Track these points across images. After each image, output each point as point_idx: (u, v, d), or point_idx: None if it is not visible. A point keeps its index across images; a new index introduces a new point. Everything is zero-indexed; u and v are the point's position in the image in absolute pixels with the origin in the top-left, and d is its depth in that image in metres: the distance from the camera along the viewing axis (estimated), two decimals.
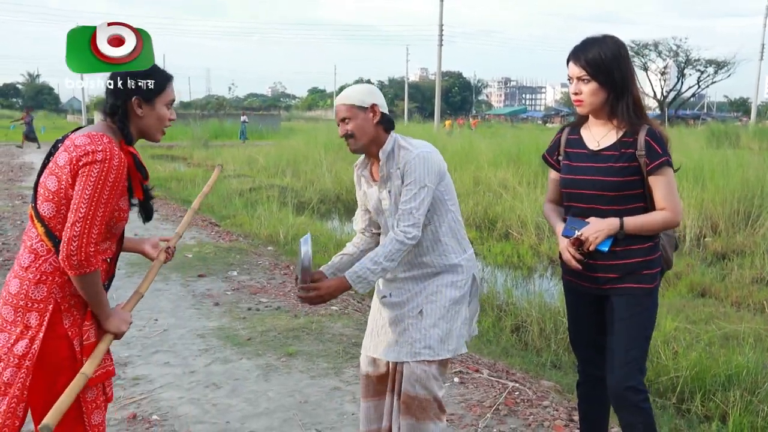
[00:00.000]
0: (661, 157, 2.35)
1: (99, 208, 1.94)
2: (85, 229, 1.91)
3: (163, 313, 5.20)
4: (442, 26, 41.23)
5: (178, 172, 16.94)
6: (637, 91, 2.44)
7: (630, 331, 2.45)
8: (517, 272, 7.93)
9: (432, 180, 2.42)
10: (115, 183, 1.97)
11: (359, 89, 2.51)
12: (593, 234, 2.39)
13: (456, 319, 2.50)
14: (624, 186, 2.40)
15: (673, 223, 2.43)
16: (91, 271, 1.94)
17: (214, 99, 76.85)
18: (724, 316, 5.79)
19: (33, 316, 1.98)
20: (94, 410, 2.08)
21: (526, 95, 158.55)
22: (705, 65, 56.43)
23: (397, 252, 2.38)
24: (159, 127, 2.19)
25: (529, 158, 14.80)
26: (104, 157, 1.94)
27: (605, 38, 2.40)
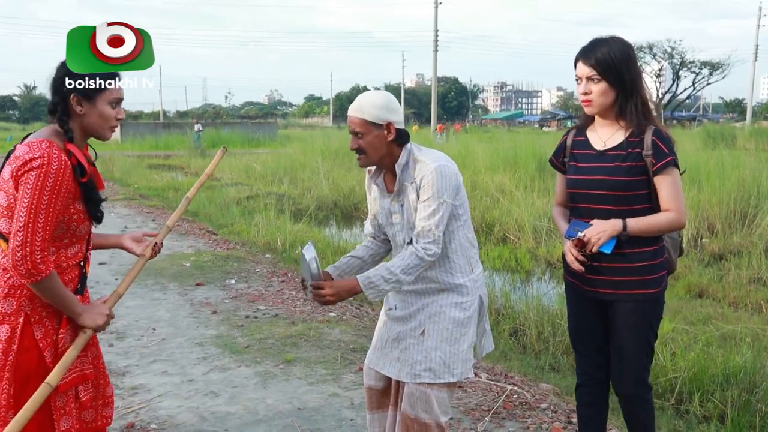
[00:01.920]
0: (667, 156, 2.35)
1: (40, 214, 1.91)
2: (28, 237, 1.89)
3: (161, 322, 5.20)
4: (438, 32, 41.39)
5: (176, 182, 16.95)
6: (645, 92, 2.45)
7: (637, 338, 2.46)
8: (515, 276, 7.94)
9: (450, 195, 2.32)
10: (55, 187, 1.94)
11: (376, 102, 2.33)
12: (596, 235, 2.38)
13: (461, 342, 2.40)
14: (631, 186, 2.39)
15: (677, 225, 2.41)
16: (43, 277, 1.92)
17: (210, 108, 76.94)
18: (721, 317, 5.80)
19: (3, 329, 1.99)
20: (63, 417, 2.08)
21: (522, 99, 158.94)
22: (700, 67, 56.57)
23: (415, 267, 2.30)
24: (104, 126, 2.12)
25: (526, 162, 14.84)
26: (41, 163, 1.92)
27: (613, 39, 2.41)
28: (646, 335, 2.49)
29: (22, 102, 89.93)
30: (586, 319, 2.62)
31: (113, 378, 3.86)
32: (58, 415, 2.07)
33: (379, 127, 2.32)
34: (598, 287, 2.49)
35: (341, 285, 2.34)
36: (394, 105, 2.37)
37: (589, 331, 2.62)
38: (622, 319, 2.47)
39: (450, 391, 2.44)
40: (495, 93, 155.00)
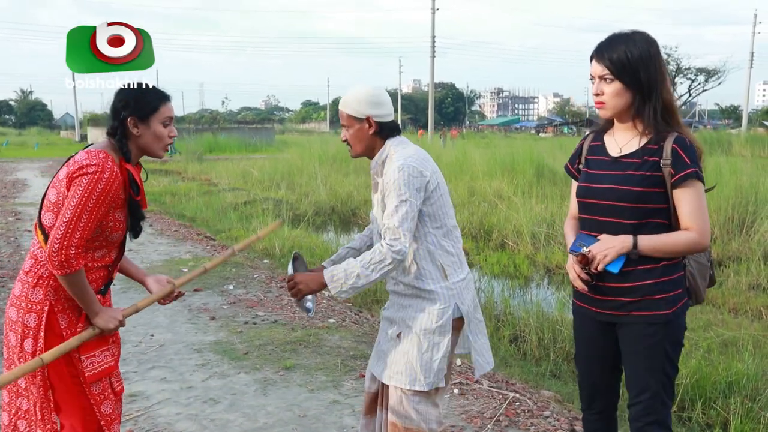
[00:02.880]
0: (688, 167, 2.09)
1: (83, 215, 2.07)
2: (68, 232, 2.05)
3: (159, 328, 5.16)
4: (435, 38, 41.45)
5: (173, 187, 16.90)
6: (669, 95, 2.19)
7: (647, 363, 2.20)
8: (514, 282, 7.92)
9: (412, 194, 2.26)
10: (103, 194, 2.09)
11: (358, 96, 2.37)
12: (602, 252, 2.15)
13: (432, 351, 2.33)
14: (644, 198, 2.15)
15: (698, 247, 2.13)
16: (73, 271, 2.07)
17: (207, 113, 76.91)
18: (722, 323, 5.79)
19: (31, 317, 2.16)
20: (103, 401, 2.26)
21: (519, 105, 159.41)
22: (696, 73, 56.83)
23: (378, 263, 2.24)
24: (159, 145, 2.28)
25: (524, 168, 14.84)
26: (95, 170, 2.09)
27: (634, 34, 2.19)
28: (661, 365, 2.19)
29: (19, 107, 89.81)
30: (594, 346, 2.37)
31: None
32: (98, 400, 2.24)
33: (360, 120, 2.37)
34: (603, 308, 2.26)
35: (310, 276, 2.38)
36: (377, 99, 2.38)
37: (595, 360, 2.38)
38: (630, 345, 2.23)
39: (427, 399, 2.36)
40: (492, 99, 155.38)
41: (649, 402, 2.21)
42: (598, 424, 2.47)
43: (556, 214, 10.12)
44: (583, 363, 2.46)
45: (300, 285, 2.38)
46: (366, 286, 2.29)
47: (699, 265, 2.29)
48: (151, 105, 2.23)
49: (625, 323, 2.23)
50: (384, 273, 2.25)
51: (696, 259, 2.28)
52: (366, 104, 2.37)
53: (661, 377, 2.20)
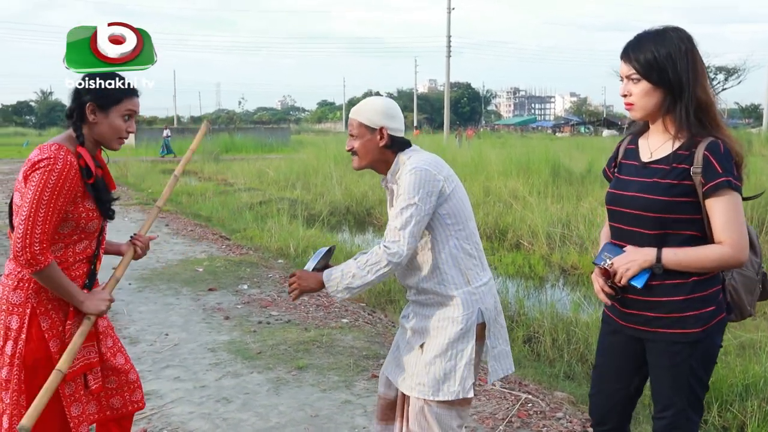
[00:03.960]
0: (719, 177, 1.95)
1: (40, 209, 2.05)
2: (28, 229, 2.03)
3: (174, 328, 5.20)
4: (450, 38, 41.38)
5: (189, 187, 17.02)
6: (705, 94, 2.04)
7: (672, 381, 2.10)
8: (529, 282, 7.88)
9: (422, 198, 2.20)
10: (57, 185, 2.07)
11: (373, 106, 2.35)
12: (624, 265, 2.05)
13: (458, 358, 2.27)
14: (671, 208, 2.02)
15: (731, 262, 1.99)
16: (42, 267, 2.06)
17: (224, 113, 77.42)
18: (740, 325, 5.69)
19: (14, 320, 2.15)
20: (73, 403, 2.23)
21: (536, 105, 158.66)
22: (715, 72, 56.15)
23: (375, 265, 2.19)
24: (113, 137, 2.24)
25: (539, 168, 14.77)
26: (47, 163, 2.07)
27: (665, 31, 2.06)
28: (687, 383, 2.07)
29: (39, 107, 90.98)
30: (615, 358, 2.27)
31: None
32: (68, 402, 2.21)
33: (372, 130, 2.33)
34: (630, 322, 2.15)
35: (310, 275, 2.34)
36: (392, 112, 2.35)
37: (616, 371, 2.27)
38: (655, 359, 2.13)
39: (451, 409, 2.30)
40: (508, 98, 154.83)
41: (673, 419, 2.12)
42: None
43: (571, 214, 10.06)
44: (600, 375, 2.35)
45: (299, 281, 2.33)
46: (362, 288, 2.24)
47: (744, 278, 2.15)
48: (114, 96, 2.20)
49: (650, 340, 2.12)
50: (379, 276, 2.21)
51: (741, 272, 2.14)
52: (381, 115, 2.33)
53: (687, 395, 2.10)
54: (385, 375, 2.55)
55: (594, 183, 13.41)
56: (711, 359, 2.12)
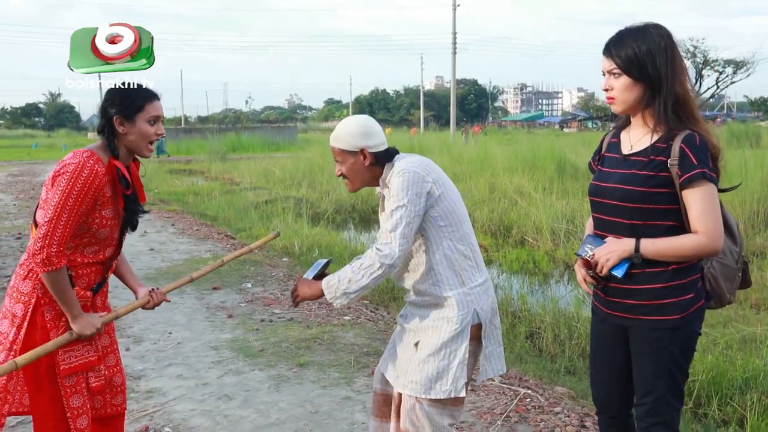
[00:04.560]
0: (695, 168, 2.01)
1: (63, 213, 2.14)
2: (49, 231, 2.13)
3: (178, 326, 5.25)
4: (456, 34, 41.31)
5: (196, 186, 17.11)
6: (683, 89, 2.09)
7: (652, 367, 2.16)
8: (533, 278, 7.90)
9: (411, 200, 2.22)
10: (82, 192, 2.17)
11: (348, 130, 2.36)
12: (605, 256, 2.13)
13: (451, 358, 2.29)
14: (649, 198, 2.09)
15: (707, 251, 2.06)
16: (54, 269, 2.14)
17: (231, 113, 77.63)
18: (742, 319, 5.71)
19: (19, 307, 2.26)
20: (73, 395, 2.31)
21: (543, 101, 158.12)
22: (723, 65, 55.81)
23: (368, 268, 2.22)
24: (143, 143, 2.35)
25: (545, 164, 14.75)
26: (75, 169, 2.17)
27: (645, 28, 2.12)
28: (668, 369, 2.14)
29: (48, 109, 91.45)
30: (604, 347, 2.34)
31: (129, 382, 3.90)
32: (68, 393, 2.29)
33: (354, 154, 2.35)
34: (614, 310, 2.23)
35: (310, 284, 2.37)
36: (368, 130, 2.36)
37: (608, 360, 2.34)
38: (637, 347, 2.19)
39: (443, 408, 2.32)
40: (515, 95, 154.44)
41: (654, 404, 2.18)
42: (612, 429, 2.42)
43: (576, 210, 10.04)
44: (595, 365, 2.42)
45: (300, 292, 2.38)
46: (359, 293, 2.26)
47: (723, 267, 2.21)
48: (136, 104, 2.29)
49: (632, 327, 2.19)
50: (374, 278, 2.23)
51: (720, 261, 2.20)
52: (358, 136, 2.34)
53: (668, 381, 2.16)
54: (380, 372, 2.57)
55: None
56: (690, 346, 2.18)
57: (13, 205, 13.57)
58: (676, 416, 2.21)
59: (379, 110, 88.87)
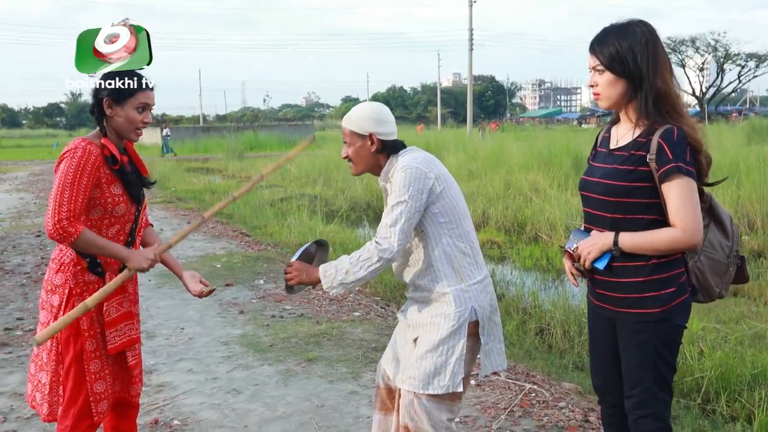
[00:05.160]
0: (670, 162, 2.04)
1: (65, 189, 2.26)
2: (56, 208, 2.24)
3: (190, 322, 5.32)
4: (472, 30, 41.14)
5: (213, 184, 17.25)
6: (666, 84, 2.12)
7: (638, 359, 2.20)
8: (546, 275, 7.87)
9: (412, 195, 2.25)
10: (79, 168, 2.28)
11: (362, 113, 2.39)
12: (586, 249, 2.19)
13: (449, 354, 2.30)
14: (630, 193, 2.13)
15: (683, 244, 2.08)
16: (75, 238, 2.25)
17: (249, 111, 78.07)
18: (755, 315, 5.66)
19: (55, 298, 2.40)
20: (97, 380, 2.44)
21: (561, 96, 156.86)
22: (746, 59, 55.05)
23: (366, 261, 2.25)
24: (130, 128, 2.43)
25: (561, 160, 14.67)
26: (69, 151, 2.31)
27: (628, 24, 2.16)
28: (652, 362, 2.18)
29: (69, 109, 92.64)
30: (599, 338, 2.39)
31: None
32: (93, 378, 2.42)
33: (362, 137, 2.38)
34: (604, 303, 2.27)
35: (307, 268, 2.39)
36: (381, 117, 2.39)
37: (603, 350, 2.37)
38: (623, 340, 2.24)
39: (441, 403, 2.34)
40: (533, 91, 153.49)
41: (642, 396, 2.21)
42: (614, 418, 2.44)
43: None
44: (592, 355, 2.47)
45: (296, 272, 2.38)
46: (355, 284, 2.29)
47: (711, 261, 2.22)
48: (127, 90, 2.37)
49: (619, 319, 2.23)
50: (371, 271, 2.25)
51: (708, 255, 2.21)
52: (369, 121, 2.37)
53: (653, 373, 2.18)
54: (383, 367, 2.60)
55: None
56: (674, 339, 2.20)
57: (34, 203, 13.79)
58: (665, 408, 2.23)
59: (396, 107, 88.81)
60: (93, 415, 2.44)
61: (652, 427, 2.21)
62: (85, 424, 2.43)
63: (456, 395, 2.36)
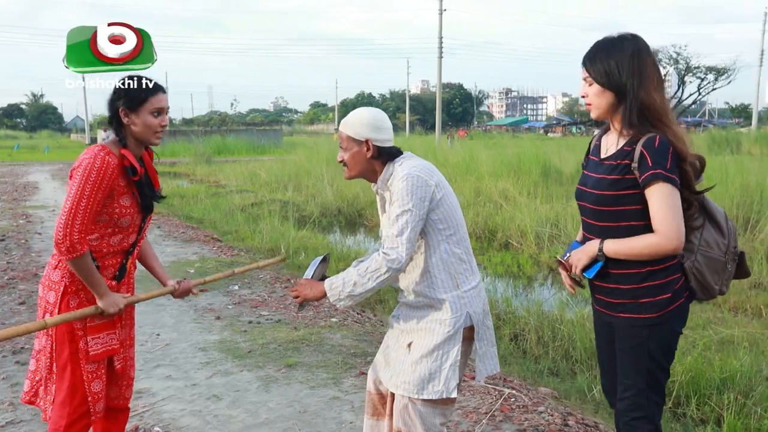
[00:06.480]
0: (649, 170, 2.11)
1: (81, 201, 2.29)
2: (69, 219, 2.27)
3: (165, 328, 5.28)
4: (442, 38, 41.49)
5: (181, 189, 17.07)
6: (649, 96, 2.18)
7: (632, 362, 2.27)
8: (517, 281, 7.99)
9: (416, 204, 2.27)
10: (97, 180, 2.31)
11: (360, 118, 2.41)
12: (575, 258, 2.30)
13: (443, 359, 2.33)
14: (619, 201, 2.20)
15: (663, 249, 2.13)
16: (79, 255, 2.29)
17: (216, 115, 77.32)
18: (721, 321, 5.84)
19: (51, 295, 2.44)
20: (94, 380, 2.48)
21: (528, 105, 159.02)
22: (705, 72, 56.63)
23: (375, 272, 2.25)
24: (149, 133, 2.46)
25: (530, 168, 14.89)
26: (88, 162, 2.32)
27: (619, 38, 2.25)
28: (646, 365, 2.24)
29: (30, 110, 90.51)
30: (603, 341, 2.46)
31: None
32: (90, 378, 2.46)
33: (359, 143, 2.40)
34: (603, 308, 2.36)
35: (313, 284, 2.40)
36: (378, 123, 2.41)
37: (607, 353, 2.45)
38: (619, 342, 2.31)
39: (434, 408, 2.36)
40: (500, 99, 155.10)
41: (635, 399, 2.27)
42: None
43: (560, 214, 10.18)
44: (599, 357, 2.55)
45: (302, 291, 2.40)
46: (363, 296, 2.30)
47: (708, 260, 2.28)
48: (140, 97, 2.41)
49: (616, 323, 2.31)
50: (380, 282, 2.26)
51: (705, 254, 2.28)
52: (367, 127, 2.39)
53: (646, 376, 2.25)
54: (374, 373, 2.61)
55: None
56: (669, 344, 2.28)
57: None
58: (657, 412, 2.30)
59: None
60: (90, 414, 2.47)
61: (643, 430, 2.27)
62: (82, 423, 2.46)
63: (449, 400, 2.39)
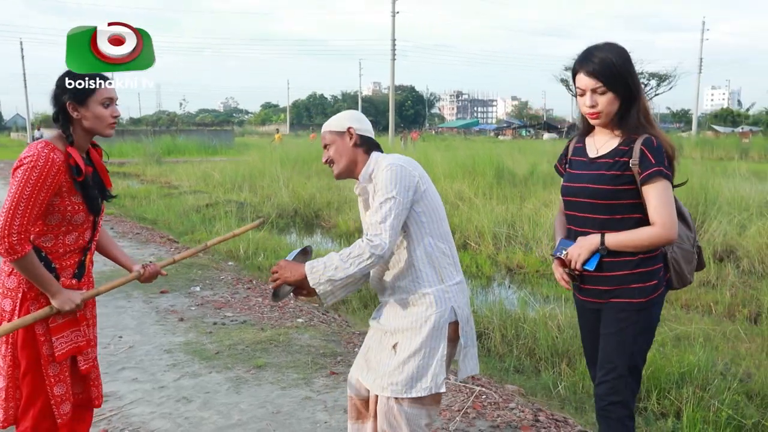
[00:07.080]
0: (652, 167, 2.27)
1: (21, 202, 2.19)
2: (8, 221, 2.18)
3: (128, 330, 5.17)
4: (395, 41, 41.70)
5: (132, 189, 16.68)
6: (644, 99, 2.38)
7: (616, 345, 2.37)
8: (477, 281, 8.10)
9: (400, 192, 2.27)
10: (39, 180, 2.21)
11: (339, 115, 2.51)
12: (576, 253, 2.39)
13: (430, 356, 2.32)
14: (616, 195, 2.34)
15: (663, 239, 2.30)
16: (20, 256, 2.20)
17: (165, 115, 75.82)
18: (675, 319, 6.06)
19: (7, 302, 2.34)
20: (57, 383, 2.41)
21: (478, 108, 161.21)
22: (648, 78, 58.33)
23: (357, 257, 2.22)
24: (101, 126, 2.38)
25: (484, 170, 15.10)
26: (30, 160, 2.21)
27: (610, 45, 2.35)
28: (629, 349, 2.37)
29: None
30: (588, 332, 2.57)
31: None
32: (52, 382, 2.39)
33: (341, 134, 2.46)
34: (589, 296, 2.47)
35: (291, 265, 2.36)
36: (358, 116, 2.53)
37: (592, 341, 2.55)
38: (605, 326, 2.42)
39: (421, 408, 2.36)
40: (451, 102, 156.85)
41: (615, 382, 2.38)
42: None
43: (516, 215, 10.36)
44: (584, 347, 2.66)
45: (282, 271, 2.36)
46: (344, 281, 2.27)
47: (683, 251, 2.49)
48: (87, 88, 2.33)
49: (604, 309, 2.43)
50: (362, 268, 2.23)
51: (680, 246, 2.48)
52: (347, 119, 2.48)
53: (628, 360, 2.37)
54: (354, 377, 2.58)
55: (537, 184, 13.82)
56: (651, 329, 2.44)
57: None
58: (632, 400, 2.40)
59: (316, 115, 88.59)
60: (56, 417, 2.41)
61: (619, 414, 2.37)
62: (46, 425, 2.40)
63: (436, 399, 2.39)
